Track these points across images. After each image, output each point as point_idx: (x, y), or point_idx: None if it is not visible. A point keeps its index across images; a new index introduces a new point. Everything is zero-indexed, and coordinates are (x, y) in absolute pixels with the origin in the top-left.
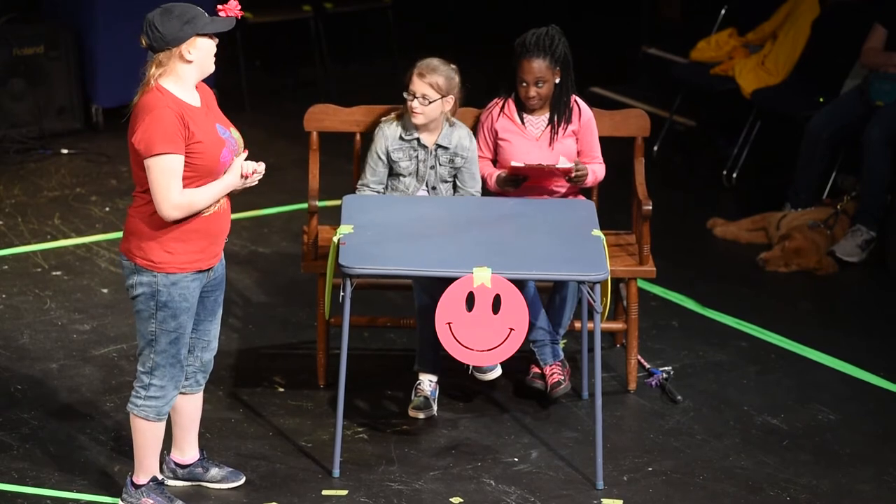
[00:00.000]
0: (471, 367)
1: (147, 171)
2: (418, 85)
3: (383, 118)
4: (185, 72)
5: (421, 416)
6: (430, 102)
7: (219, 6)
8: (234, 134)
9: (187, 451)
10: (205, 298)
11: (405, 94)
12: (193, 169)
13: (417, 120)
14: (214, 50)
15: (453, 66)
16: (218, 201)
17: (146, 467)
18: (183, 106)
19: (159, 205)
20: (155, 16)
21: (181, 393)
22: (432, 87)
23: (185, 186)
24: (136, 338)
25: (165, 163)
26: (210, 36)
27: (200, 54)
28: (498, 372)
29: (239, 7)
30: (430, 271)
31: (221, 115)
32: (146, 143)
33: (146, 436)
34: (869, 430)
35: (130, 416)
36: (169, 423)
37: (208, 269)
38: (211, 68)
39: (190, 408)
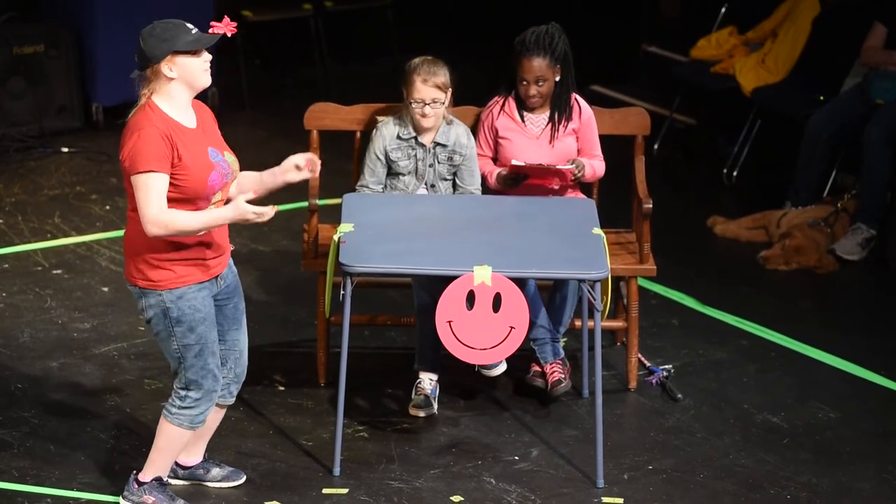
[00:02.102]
0: (476, 364)
1: (133, 189)
2: (425, 91)
3: (380, 119)
4: (172, 89)
5: (421, 414)
6: (441, 104)
7: (212, 23)
8: (229, 158)
9: (193, 454)
10: (223, 307)
11: (412, 104)
12: (180, 191)
13: (428, 123)
14: (203, 66)
15: (441, 61)
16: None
17: (157, 468)
18: (172, 126)
19: (141, 220)
20: (143, 33)
21: None
22: (439, 87)
23: (169, 207)
24: (166, 358)
25: (146, 180)
26: (192, 53)
27: (182, 71)
28: (503, 367)
29: (233, 25)
30: (430, 270)
31: (218, 138)
32: (131, 161)
33: (172, 442)
34: (869, 429)
35: (161, 419)
36: None
37: (216, 278)
38: (203, 83)
39: (212, 417)
